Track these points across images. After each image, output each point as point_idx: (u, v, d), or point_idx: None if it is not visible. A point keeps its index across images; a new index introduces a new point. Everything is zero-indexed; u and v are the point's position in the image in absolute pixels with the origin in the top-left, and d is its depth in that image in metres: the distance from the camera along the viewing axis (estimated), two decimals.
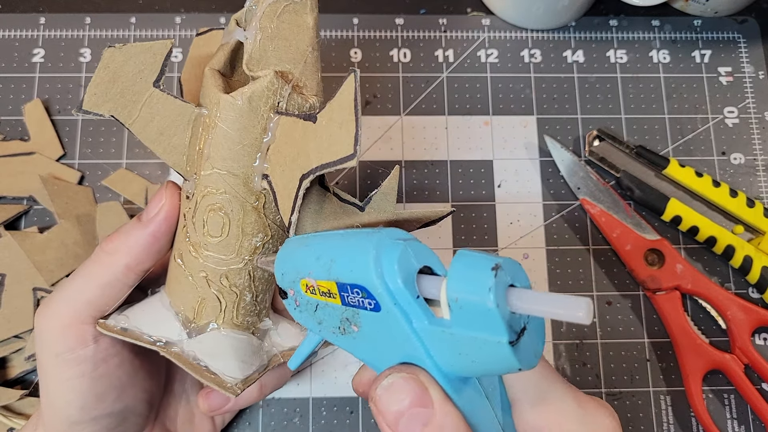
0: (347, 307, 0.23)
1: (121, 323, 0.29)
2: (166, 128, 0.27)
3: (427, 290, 0.21)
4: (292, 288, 0.25)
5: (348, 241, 0.23)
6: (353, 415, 0.38)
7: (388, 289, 0.21)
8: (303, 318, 0.25)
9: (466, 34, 0.46)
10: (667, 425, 0.39)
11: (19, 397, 0.35)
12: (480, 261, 0.19)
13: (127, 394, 0.29)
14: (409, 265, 0.21)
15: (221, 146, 0.26)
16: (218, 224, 0.27)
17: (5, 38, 0.44)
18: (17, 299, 0.37)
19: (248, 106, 0.26)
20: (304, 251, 0.24)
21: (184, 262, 0.28)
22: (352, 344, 0.23)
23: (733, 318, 0.39)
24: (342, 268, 0.22)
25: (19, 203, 0.40)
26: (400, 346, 0.22)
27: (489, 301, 0.18)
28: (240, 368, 0.28)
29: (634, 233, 0.40)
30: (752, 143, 0.44)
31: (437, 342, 0.21)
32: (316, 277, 0.23)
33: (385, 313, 0.21)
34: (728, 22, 0.47)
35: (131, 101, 0.27)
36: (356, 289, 0.22)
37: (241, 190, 0.26)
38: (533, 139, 0.44)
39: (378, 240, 0.22)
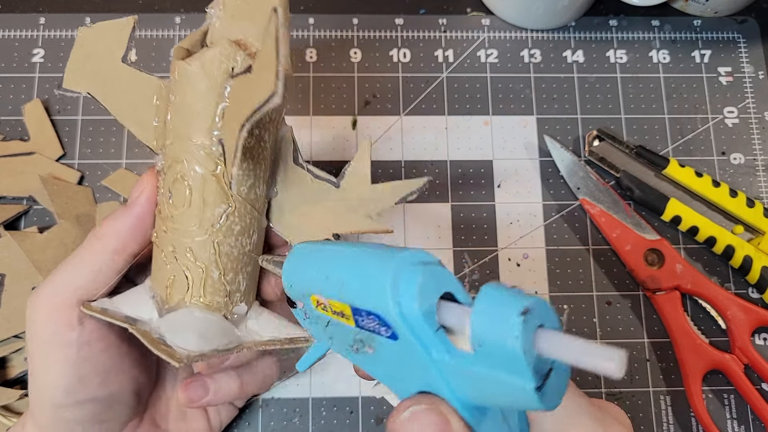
0: (361, 330, 0.21)
1: (103, 305, 0.29)
2: (136, 104, 0.28)
3: (448, 319, 0.20)
4: (301, 301, 0.24)
5: (362, 262, 0.21)
6: (353, 415, 0.38)
7: (406, 320, 0.20)
8: (312, 330, 0.24)
9: (466, 34, 0.46)
10: (667, 425, 0.39)
11: (19, 396, 0.35)
12: (508, 302, 0.18)
13: (112, 380, 0.29)
14: (429, 295, 0.20)
15: (179, 114, 0.26)
16: (181, 194, 0.27)
17: (5, 38, 0.44)
18: (17, 299, 0.37)
19: (201, 71, 0.26)
20: (312, 267, 0.23)
21: (158, 239, 0.28)
22: (367, 362, 0.22)
23: (733, 318, 0.39)
24: (355, 293, 0.21)
25: (19, 203, 0.40)
26: (417, 373, 0.21)
27: (516, 348, 0.17)
28: (197, 342, 0.28)
29: (634, 233, 0.40)
30: (752, 143, 0.44)
31: (457, 374, 0.20)
32: (327, 296, 0.22)
33: (403, 342, 0.20)
34: (728, 22, 0.47)
35: (104, 78, 0.28)
36: (372, 316, 0.21)
37: (200, 157, 0.26)
38: (533, 139, 0.43)
39: (396, 266, 0.20)
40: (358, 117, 0.43)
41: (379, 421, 0.38)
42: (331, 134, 0.43)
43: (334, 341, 0.23)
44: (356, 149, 0.43)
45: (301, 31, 0.45)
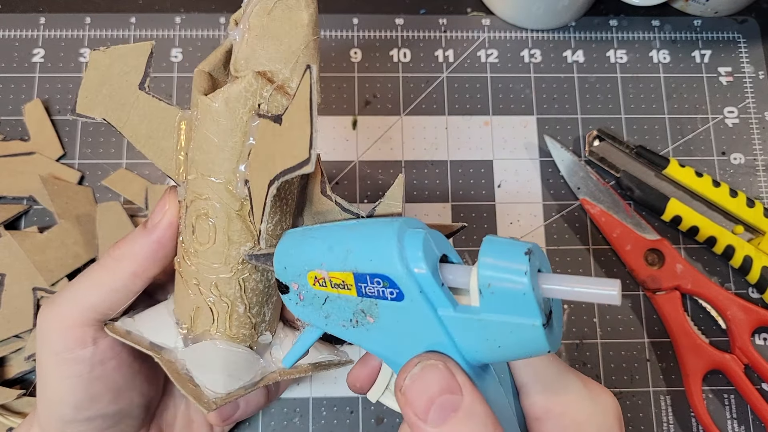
0: (363, 298, 0.22)
1: (127, 326, 0.29)
2: (155, 131, 0.27)
3: (451, 278, 0.21)
4: (296, 282, 0.24)
5: (365, 229, 0.22)
6: (353, 415, 0.38)
7: (413, 277, 0.21)
8: (306, 313, 0.24)
9: (466, 34, 0.46)
10: (667, 425, 0.39)
11: (17, 396, 0.35)
12: (511, 246, 0.19)
13: (122, 397, 0.29)
14: (432, 254, 0.21)
15: (202, 150, 0.25)
16: (205, 231, 0.26)
17: (5, 38, 0.44)
18: (17, 299, 0.37)
19: (225, 109, 0.24)
20: (312, 242, 0.24)
21: (181, 269, 0.27)
22: (365, 336, 0.23)
23: (733, 318, 0.39)
24: (360, 257, 0.22)
25: (19, 203, 0.40)
26: (422, 335, 0.21)
27: (524, 286, 0.19)
28: (224, 383, 0.28)
29: (634, 233, 0.40)
30: (752, 143, 0.44)
31: (462, 329, 0.21)
32: (328, 268, 0.23)
33: (409, 302, 0.21)
34: (728, 22, 0.47)
35: (120, 104, 0.27)
36: (377, 278, 0.21)
37: (224, 196, 0.25)
38: (533, 139, 0.44)
39: (399, 227, 0.21)
40: (358, 117, 0.43)
41: (380, 421, 0.38)
42: (331, 134, 0.43)
43: (330, 319, 0.24)
44: (357, 149, 0.43)
45: None
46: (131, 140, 0.27)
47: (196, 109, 0.25)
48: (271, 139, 0.24)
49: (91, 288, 0.27)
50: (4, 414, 0.36)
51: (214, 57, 0.27)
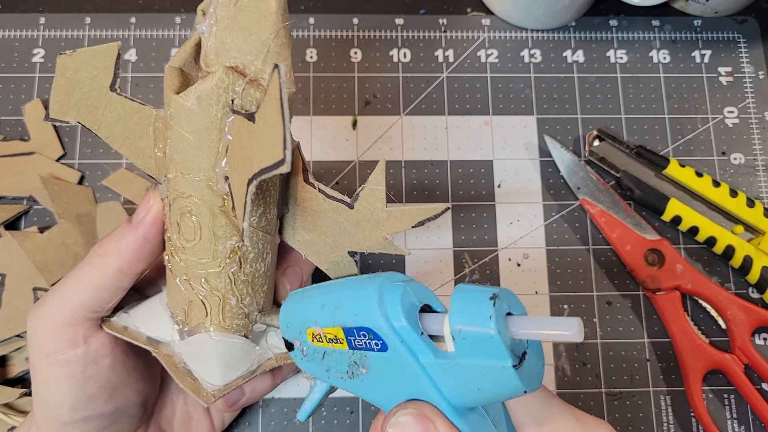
0: (354, 351, 0.24)
1: (123, 321, 0.29)
2: (130, 132, 0.27)
3: (429, 327, 0.23)
4: (298, 339, 0.26)
5: (350, 287, 0.24)
6: (353, 415, 0.38)
7: (393, 328, 0.22)
8: (311, 367, 0.26)
9: (466, 34, 0.46)
10: (667, 425, 0.39)
11: (19, 395, 0.35)
12: (478, 293, 0.21)
13: (119, 395, 0.29)
14: (410, 304, 0.23)
15: (179, 149, 0.25)
16: (190, 228, 0.26)
17: (5, 38, 0.44)
18: (18, 299, 0.37)
19: (198, 107, 0.24)
20: (307, 302, 0.26)
21: (170, 264, 0.28)
22: (361, 387, 0.24)
23: (733, 318, 0.39)
24: (347, 312, 0.24)
25: (19, 203, 0.40)
26: (407, 383, 0.23)
27: (491, 329, 0.20)
28: (222, 374, 0.28)
29: (634, 233, 0.40)
30: (752, 143, 0.44)
31: (443, 374, 0.22)
32: (322, 324, 0.24)
33: (392, 352, 0.22)
34: (728, 22, 0.47)
35: (93, 106, 0.26)
36: (363, 331, 0.23)
37: (206, 193, 0.25)
38: (533, 139, 0.44)
39: (380, 283, 0.23)
40: (358, 117, 0.43)
41: None
42: (331, 134, 0.43)
43: (331, 372, 0.25)
44: (357, 149, 0.43)
45: (301, 31, 0.45)
46: (108, 141, 0.27)
47: (170, 108, 0.25)
48: (246, 136, 0.23)
49: (79, 286, 0.27)
50: (7, 413, 0.36)
51: (184, 52, 0.26)
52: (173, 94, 0.25)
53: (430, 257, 0.41)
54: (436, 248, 0.41)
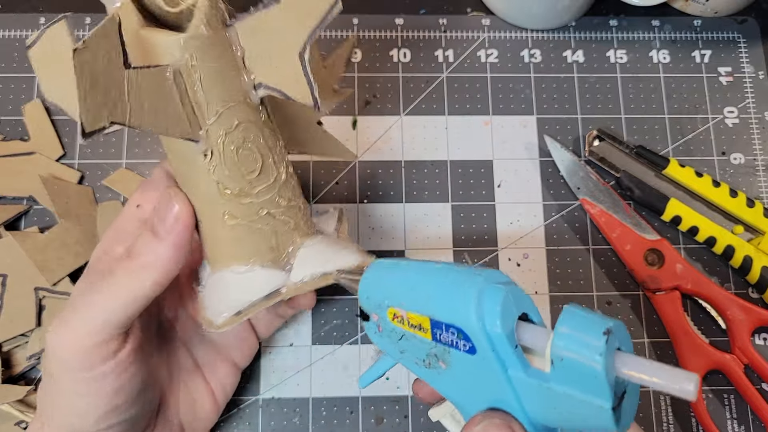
0: (437, 344, 0.22)
1: (228, 312, 0.28)
2: (157, 101, 0.25)
3: (526, 339, 0.21)
4: (376, 313, 0.24)
5: (448, 278, 0.23)
6: (353, 415, 0.38)
7: (487, 335, 0.21)
8: (383, 343, 0.25)
9: (466, 34, 0.46)
10: (667, 425, 0.39)
11: (25, 393, 0.35)
12: (591, 323, 0.19)
13: (140, 399, 0.29)
14: (510, 313, 0.21)
15: (213, 84, 0.25)
16: (250, 157, 0.26)
17: (5, 38, 0.44)
18: (19, 299, 0.37)
19: (213, 32, 0.24)
20: (396, 278, 0.24)
21: (238, 218, 0.27)
22: (436, 378, 0.23)
23: (733, 318, 0.39)
24: (439, 305, 0.22)
25: (19, 203, 0.40)
26: (489, 390, 0.21)
27: (598, 366, 0.18)
28: (322, 265, 0.29)
29: (634, 233, 0.40)
30: (752, 143, 0.44)
31: (531, 393, 0.21)
32: (407, 308, 0.23)
33: (480, 358, 0.21)
34: (728, 22, 0.47)
35: (117, 96, 0.25)
36: (452, 329, 0.22)
37: (249, 112, 0.26)
38: (533, 139, 0.44)
39: (481, 283, 0.21)
40: (358, 117, 0.43)
41: (380, 421, 0.38)
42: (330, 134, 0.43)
43: (405, 355, 0.24)
44: (357, 149, 0.43)
45: None
46: (141, 128, 0.25)
47: (182, 52, 0.24)
48: (270, 25, 0.24)
49: (107, 303, 0.26)
50: (18, 408, 0.36)
51: (132, 12, 0.25)
52: (182, 35, 0.24)
53: (430, 257, 0.41)
54: (436, 248, 0.41)
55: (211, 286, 0.29)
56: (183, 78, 0.25)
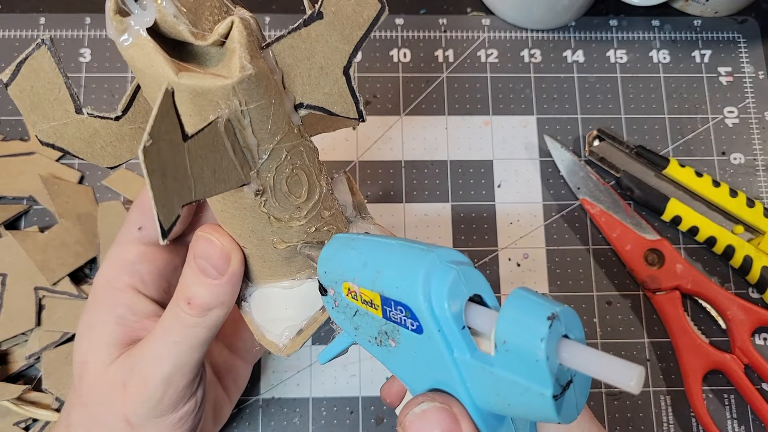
0: (387, 321, 0.22)
1: (290, 332, 0.28)
2: (213, 162, 0.22)
3: (474, 321, 0.21)
4: (332, 288, 0.24)
5: (399, 254, 0.22)
6: (353, 415, 0.38)
7: (433, 315, 0.20)
8: (339, 319, 0.24)
9: (466, 34, 0.46)
10: (667, 425, 0.39)
11: (22, 392, 0.35)
12: (536, 306, 0.18)
13: (202, 418, 0.30)
14: (459, 293, 0.20)
15: (261, 125, 0.23)
16: (297, 184, 0.25)
17: (5, 38, 0.44)
18: (19, 299, 0.37)
19: (254, 65, 0.21)
20: (350, 254, 0.23)
21: (287, 241, 0.26)
22: (387, 357, 0.23)
23: (733, 318, 0.39)
24: (388, 282, 0.21)
25: (19, 203, 0.40)
26: (435, 371, 0.21)
27: (539, 352, 0.18)
28: None
29: (634, 233, 0.40)
30: (752, 143, 0.44)
31: (476, 376, 0.20)
32: (359, 284, 0.22)
33: (427, 338, 0.21)
34: (728, 22, 0.47)
35: (183, 176, 0.21)
36: (400, 306, 0.21)
37: (293, 138, 0.24)
38: (533, 139, 0.44)
39: (431, 261, 0.21)
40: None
41: (379, 421, 0.38)
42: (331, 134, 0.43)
43: (359, 332, 0.23)
44: (357, 149, 0.43)
45: None
46: (204, 198, 0.22)
47: (227, 97, 0.21)
48: (309, 43, 0.22)
49: (188, 352, 0.26)
50: (19, 404, 0.36)
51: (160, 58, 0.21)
52: (231, 79, 0.21)
53: None
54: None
55: (259, 304, 0.29)
56: (233, 125, 0.22)
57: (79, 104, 0.23)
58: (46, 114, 0.23)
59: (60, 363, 0.37)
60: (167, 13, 0.20)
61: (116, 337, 0.27)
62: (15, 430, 0.36)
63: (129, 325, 0.27)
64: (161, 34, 0.22)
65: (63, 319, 0.37)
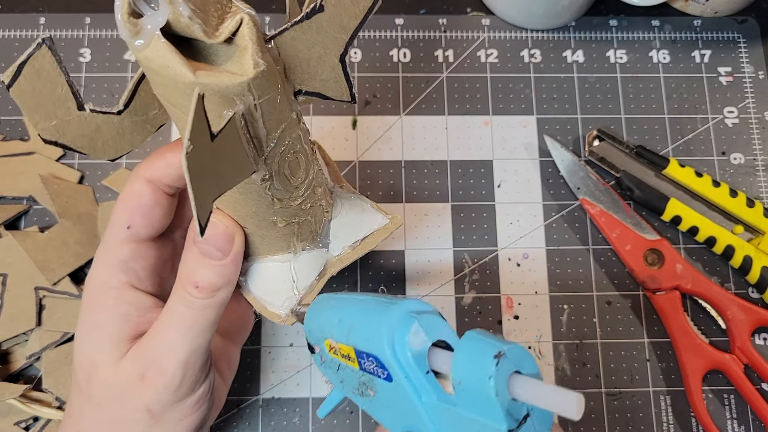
0: (364, 372, 0.24)
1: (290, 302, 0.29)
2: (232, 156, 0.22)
3: (436, 365, 0.22)
4: (317, 345, 0.26)
5: (367, 308, 0.24)
6: (353, 415, 0.38)
7: (399, 363, 0.22)
8: (328, 374, 0.26)
9: (466, 34, 0.46)
10: (667, 425, 0.39)
11: (23, 391, 0.35)
12: (484, 346, 0.20)
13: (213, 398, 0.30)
14: (421, 341, 0.22)
15: (270, 115, 0.23)
16: (297, 165, 0.26)
17: (5, 38, 0.44)
18: (19, 299, 0.37)
19: (264, 60, 0.21)
20: (329, 312, 0.25)
21: (286, 219, 0.27)
22: (369, 406, 0.24)
23: (733, 318, 0.39)
24: (359, 335, 0.23)
25: (19, 203, 0.40)
26: (408, 415, 0.22)
27: (489, 389, 0.19)
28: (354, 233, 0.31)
29: (634, 233, 0.40)
30: (752, 143, 0.44)
31: (442, 417, 0.21)
32: (337, 339, 0.24)
33: (396, 385, 0.22)
34: (728, 22, 0.47)
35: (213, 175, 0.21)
36: (371, 358, 0.23)
37: (293, 123, 0.25)
38: (533, 139, 0.44)
39: (393, 314, 0.22)
40: (358, 117, 0.43)
41: None
42: (331, 134, 0.43)
43: (344, 385, 0.25)
44: (357, 149, 0.43)
45: None
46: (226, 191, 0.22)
47: (243, 94, 0.21)
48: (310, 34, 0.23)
49: (199, 333, 0.27)
50: (25, 402, 0.36)
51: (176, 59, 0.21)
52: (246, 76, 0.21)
53: (430, 257, 0.41)
54: (436, 248, 0.41)
55: (257, 278, 0.30)
56: (245, 119, 0.22)
57: (81, 101, 0.24)
58: (49, 112, 0.24)
59: (60, 363, 0.37)
60: (182, 14, 0.20)
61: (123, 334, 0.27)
62: (15, 430, 0.36)
63: (134, 320, 0.28)
64: (170, 33, 0.21)
65: (63, 318, 0.37)
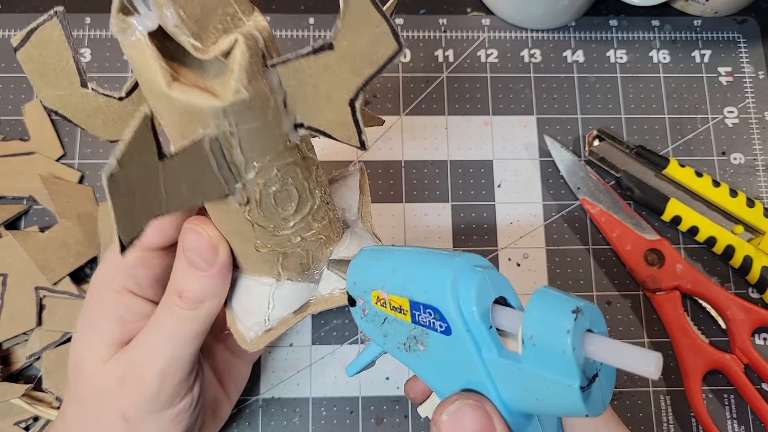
0: (416, 326, 0.23)
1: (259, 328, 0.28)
2: (194, 176, 0.22)
3: (500, 322, 0.21)
4: (362, 297, 0.25)
5: (428, 260, 0.23)
6: (353, 415, 0.38)
7: (462, 316, 0.21)
8: (368, 328, 0.25)
9: (466, 34, 0.46)
10: (667, 425, 0.39)
11: (25, 391, 0.35)
12: (561, 302, 0.19)
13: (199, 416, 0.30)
14: (485, 295, 0.22)
15: (251, 145, 0.22)
16: (286, 198, 0.25)
17: (5, 38, 0.44)
18: (20, 299, 0.37)
19: (252, 90, 0.20)
20: (380, 263, 0.25)
21: (269, 246, 0.26)
22: (416, 362, 0.24)
23: (733, 318, 0.39)
24: (418, 287, 0.23)
25: (19, 203, 0.40)
26: (465, 372, 0.22)
27: (565, 345, 0.18)
28: None
29: (634, 233, 0.40)
30: (752, 143, 0.44)
31: (504, 375, 0.21)
32: (389, 291, 0.24)
33: (455, 338, 0.21)
34: (728, 22, 0.47)
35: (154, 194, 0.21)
36: (429, 309, 0.22)
37: (286, 156, 0.23)
38: (533, 139, 0.44)
39: (458, 265, 0.22)
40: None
41: (380, 421, 0.38)
42: None
43: (387, 339, 0.24)
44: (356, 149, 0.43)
45: (301, 31, 0.45)
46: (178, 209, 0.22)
47: (216, 119, 0.20)
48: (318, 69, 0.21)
49: (181, 345, 0.27)
50: (29, 402, 0.36)
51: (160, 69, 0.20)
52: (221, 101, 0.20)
53: None
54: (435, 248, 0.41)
55: (238, 292, 0.29)
56: (220, 143, 0.21)
57: (84, 78, 0.24)
58: (52, 82, 0.24)
59: (60, 363, 0.37)
60: (168, 23, 0.20)
61: (115, 337, 0.27)
62: (15, 430, 0.36)
63: (128, 325, 0.28)
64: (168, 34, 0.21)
65: (64, 318, 0.37)
